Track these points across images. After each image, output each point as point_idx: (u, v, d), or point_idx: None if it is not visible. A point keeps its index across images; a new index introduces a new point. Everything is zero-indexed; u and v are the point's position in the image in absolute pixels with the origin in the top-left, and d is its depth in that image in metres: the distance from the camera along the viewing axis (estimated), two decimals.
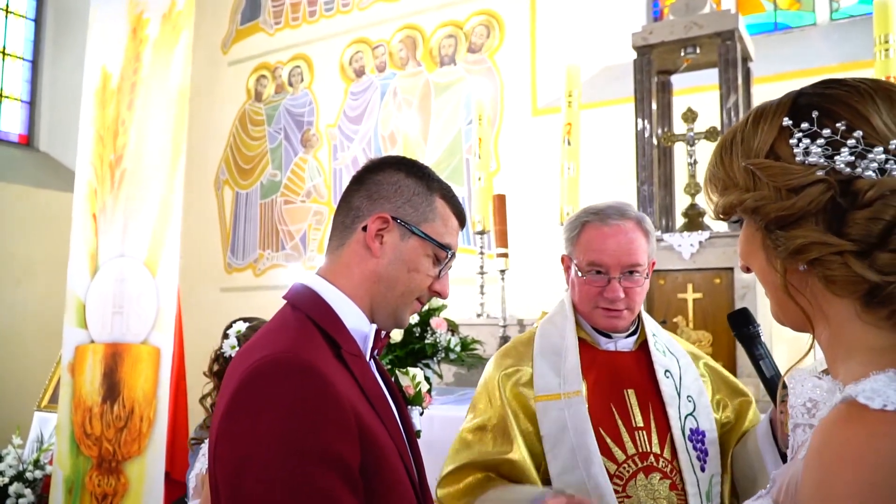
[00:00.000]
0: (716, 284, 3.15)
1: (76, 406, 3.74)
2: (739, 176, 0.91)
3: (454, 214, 1.36)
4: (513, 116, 5.79)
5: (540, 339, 1.92)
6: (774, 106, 0.91)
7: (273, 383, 1.08)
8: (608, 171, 4.80)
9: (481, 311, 4.24)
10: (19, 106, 7.41)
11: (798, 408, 0.88)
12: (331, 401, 1.08)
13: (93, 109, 4.15)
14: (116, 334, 3.72)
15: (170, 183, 3.80)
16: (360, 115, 6.59)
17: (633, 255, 1.81)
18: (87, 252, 3.89)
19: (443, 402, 3.37)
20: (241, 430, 1.07)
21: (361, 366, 1.23)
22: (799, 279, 0.87)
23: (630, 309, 1.84)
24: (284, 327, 1.22)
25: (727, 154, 0.94)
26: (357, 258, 1.29)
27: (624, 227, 1.82)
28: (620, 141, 4.33)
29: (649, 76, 3.48)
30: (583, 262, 1.85)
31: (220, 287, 7.11)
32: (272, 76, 7.18)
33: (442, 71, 6.19)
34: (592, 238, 1.84)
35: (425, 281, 1.32)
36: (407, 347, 3.40)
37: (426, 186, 1.33)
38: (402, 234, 1.29)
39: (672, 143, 3.61)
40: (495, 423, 1.82)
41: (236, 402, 1.10)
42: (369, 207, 1.30)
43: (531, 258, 4.93)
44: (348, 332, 1.25)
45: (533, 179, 5.40)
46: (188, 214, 7.26)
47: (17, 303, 6.43)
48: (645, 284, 1.85)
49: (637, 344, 1.91)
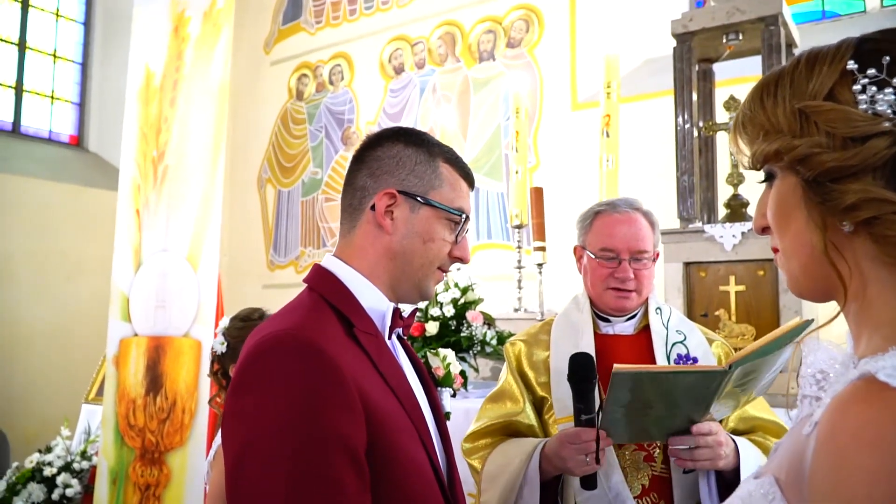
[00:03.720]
0: (759, 277, 3.07)
1: (120, 398, 3.81)
2: (784, 120, 0.82)
3: (461, 176, 1.34)
4: (552, 111, 5.74)
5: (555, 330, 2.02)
6: (833, 49, 0.82)
7: (273, 361, 1.07)
8: (649, 165, 4.72)
9: (518, 306, 4.21)
10: (70, 107, 7.61)
11: (807, 378, 0.82)
12: (333, 379, 1.06)
13: (136, 107, 4.23)
14: (159, 327, 3.78)
15: (211, 179, 3.85)
16: (399, 111, 6.60)
17: (640, 241, 1.93)
18: (130, 247, 3.97)
19: (479, 396, 3.34)
20: (242, 412, 1.06)
21: (377, 344, 1.22)
22: (840, 240, 0.79)
23: (638, 291, 1.94)
24: (298, 308, 1.22)
25: (769, 96, 0.85)
26: (370, 238, 1.28)
27: (633, 215, 1.95)
28: (662, 134, 4.26)
29: (689, 64, 3.41)
30: (595, 248, 1.97)
31: (263, 284, 7.20)
32: (313, 75, 7.24)
33: (481, 66, 6.18)
34: (604, 224, 1.96)
35: (443, 249, 1.30)
36: (443, 340, 3.39)
37: (427, 153, 1.30)
38: (412, 207, 1.27)
39: (714, 133, 3.53)
40: (506, 388, 2.01)
41: (238, 382, 1.09)
42: (374, 185, 1.29)
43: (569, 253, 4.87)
44: (363, 311, 1.23)
45: (572, 174, 5.35)
46: (232, 213, 7.40)
47: (67, 299, 6.60)
48: (651, 270, 1.96)
49: (638, 328, 1.98)
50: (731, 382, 1.56)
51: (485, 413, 2.01)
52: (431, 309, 3.55)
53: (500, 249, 5.78)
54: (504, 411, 1.97)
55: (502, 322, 3.89)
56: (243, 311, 2.48)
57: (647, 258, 1.93)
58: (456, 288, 3.66)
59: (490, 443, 1.95)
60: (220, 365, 2.39)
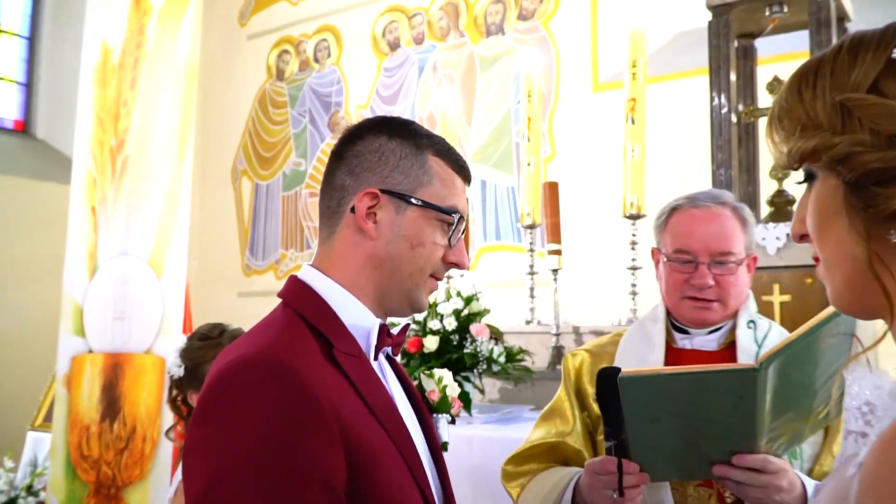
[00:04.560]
0: (807, 285, 3.07)
1: (72, 425, 3.83)
2: (824, 114, 0.83)
3: (455, 170, 1.35)
4: (570, 93, 5.75)
5: (624, 343, 2.02)
6: (878, 35, 0.83)
7: (241, 388, 1.08)
8: (680, 156, 4.73)
9: (531, 318, 4.22)
10: (15, 88, 7.63)
11: (852, 411, 0.82)
12: (309, 408, 1.07)
13: (92, 89, 4.26)
14: (117, 343, 3.81)
15: (177, 171, 3.87)
16: (394, 94, 6.62)
17: (724, 242, 1.87)
18: (85, 250, 3.99)
19: (485, 422, 3.36)
20: (206, 444, 1.07)
21: (360, 367, 1.23)
22: (887, 252, 0.80)
23: (722, 301, 1.89)
24: (269, 327, 1.23)
25: (807, 87, 0.86)
26: (351, 244, 1.29)
27: (716, 211, 1.90)
28: (696, 121, 4.27)
29: (727, 40, 3.42)
30: (670, 249, 1.93)
31: (238, 291, 7.22)
32: (295, 51, 7.27)
33: (488, 42, 6.19)
34: (680, 222, 1.93)
35: (435, 253, 1.31)
36: (443, 357, 3.41)
37: (414, 145, 1.32)
38: (397, 207, 1.29)
39: (755, 119, 3.55)
40: (557, 405, 2.04)
41: (202, 411, 1.11)
42: (354, 184, 1.30)
43: (590, 256, 4.89)
44: (345, 329, 1.24)
45: (593, 166, 5.35)
46: (202, 210, 7.41)
47: (10, 309, 6.59)
48: (740, 276, 1.90)
49: (723, 343, 1.94)
50: (771, 391, 1.51)
51: (533, 433, 2.03)
52: (430, 321, 3.57)
53: (509, 252, 5.79)
54: (552, 431, 1.98)
55: (512, 336, 3.89)
56: (203, 327, 2.50)
57: (733, 262, 1.88)
58: (458, 297, 3.67)
59: (532, 469, 1.96)
60: (179, 391, 2.40)
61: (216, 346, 2.26)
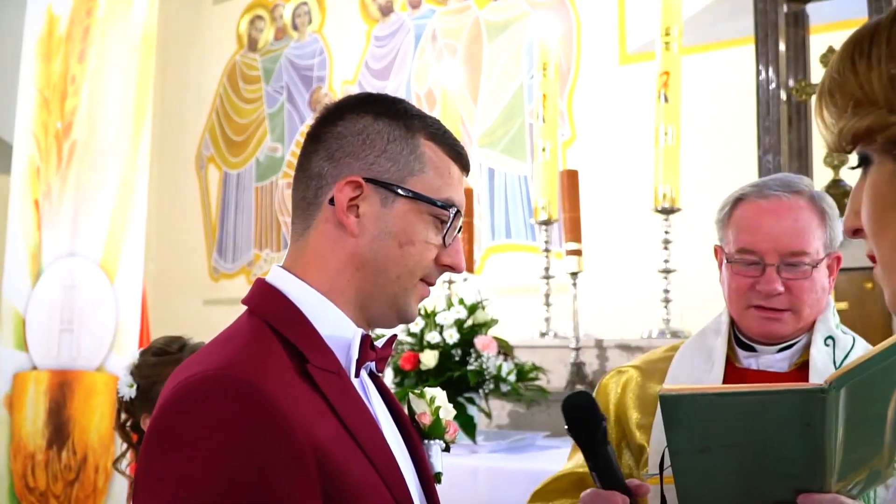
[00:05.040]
0: (867, 290, 3.10)
1: (15, 452, 3.86)
2: (879, 88, 0.83)
3: (451, 157, 1.35)
4: (592, 66, 5.76)
5: (679, 359, 1.99)
6: None
7: (200, 409, 1.09)
8: (720, 139, 4.74)
9: (546, 330, 4.23)
10: None
11: None
12: (278, 431, 1.08)
13: (35, 64, 4.28)
14: (64, 358, 3.83)
15: (132, 159, 3.89)
16: (387, 66, 6.63)
17: (796, 239, 1.84)
18: (27, 250, 4.01)
19: (492, 451, 3.39)
20: (161, 476, 1.08)
21: (339, 385, 1.23)
22: None
23: (795, 311, 1.86)
24: (233, 338, 1.23)
25: (862, 58, 0.86)
26: (330, 242, 1.29)
27: (788, 201, 1.86)
28: (739, 98, 4.29)
29: (775, 5, 3.44)
30: (733, 249, 1.90)
31: (204, 299, 7.23)
32: (270, 17, 7.28)
33: (497, 5, 6.20)
34: (745, 216, 1.89)
35: (427, 254, 1.31)
36: (443, 376, 3.42)
37: (404, 127, 1.31)
38: (383, 199, 1.29)
39: (807, 97, 3.56)
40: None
41: (156, 437, 1.11)
42: (333, 172, 1.29)
43: (615, 257, 4.91)
44: (321, 341, 1.24)
45: (619, 151, 5.36)
46: (161, 203, 7.41)
47: None
48: (817, 280, 1.86)
49: (795, 363, 1.91)
50: (843, 418, 1.44)
51: (568, 461, 2.01)
52: (428, 334, 3.58)
53: (521, 253, 5.79)
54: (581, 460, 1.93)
55: (523, 351, 3.91)
56: (159, 340, 2.52)
57: (808, 263, 1.84)
58: (461, 305, 3.68)
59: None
60: (130, 415, 2.41)
61: (174, 363, 2.28)
